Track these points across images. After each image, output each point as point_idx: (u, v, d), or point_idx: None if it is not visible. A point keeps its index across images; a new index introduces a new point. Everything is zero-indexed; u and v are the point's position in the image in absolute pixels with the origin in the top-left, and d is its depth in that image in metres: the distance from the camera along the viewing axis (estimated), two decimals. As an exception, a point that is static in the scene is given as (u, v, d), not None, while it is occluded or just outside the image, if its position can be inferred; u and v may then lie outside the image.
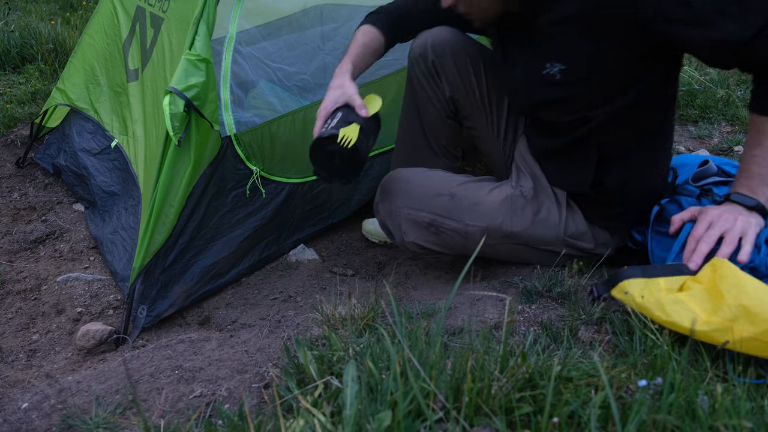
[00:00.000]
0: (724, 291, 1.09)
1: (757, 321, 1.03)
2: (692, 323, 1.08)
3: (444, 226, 1.62)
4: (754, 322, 1.03)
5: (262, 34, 2.44)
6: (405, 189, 1.65)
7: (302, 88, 2.33)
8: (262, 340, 1.40)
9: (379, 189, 1.72)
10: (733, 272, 1.12)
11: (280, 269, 2.10)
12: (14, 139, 2.89)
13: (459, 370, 0.88)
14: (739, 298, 1.06)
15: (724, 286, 1.10)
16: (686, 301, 1.12)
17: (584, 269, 1.57)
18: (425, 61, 1.75)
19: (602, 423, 0.85)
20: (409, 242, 1.66)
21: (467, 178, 1.70)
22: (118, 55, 2.32)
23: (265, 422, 0.94)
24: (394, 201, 1.65)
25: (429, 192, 1.63)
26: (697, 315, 1.09)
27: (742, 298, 1.06)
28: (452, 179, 1.68)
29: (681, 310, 1.11)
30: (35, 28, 3.73)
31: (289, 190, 2.09)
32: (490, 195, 1.62)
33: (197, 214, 1.90)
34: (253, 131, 1.98)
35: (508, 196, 1.61)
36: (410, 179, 1.67)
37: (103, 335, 1.75)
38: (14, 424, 1.10)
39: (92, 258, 2.20)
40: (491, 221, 1.59)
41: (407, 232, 1.65)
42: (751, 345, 1.04)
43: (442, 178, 1.69)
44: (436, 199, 1.62)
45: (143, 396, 1.15)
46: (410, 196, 1.64)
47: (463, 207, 1.61)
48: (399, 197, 1.65)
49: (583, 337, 1.30)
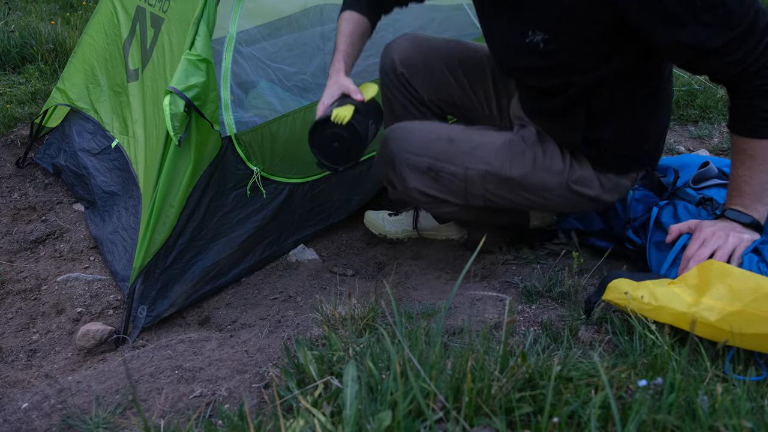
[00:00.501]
0: (712, 278, 1.15)
1: (742, 295, 1.08)
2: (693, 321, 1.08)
3: (443, 170, 1.62)
4: (739, 297, 1.08)
5: (262, 34, 2.44)
6: (403, 136, 1.66)
7: (302, 88, 2.33)
8: (262, 340, 1.40)
9: (380, 142, 1.73)
10: (720, 264, 1.18)
11: (280, 269, 2.10)
12: (14, 139, 2.89)
13: (459, 370, 0.88)
14: (725, 279, 1.12)
15: (712, 274, 1.16)
16: (677, 290, 1.17)
17: (585, 269, 1.57)
18: (395, 74, 1.83)
19: (602, 423, 0.85)
20: (411, 188, 1.66)
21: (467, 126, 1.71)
22: (118, 55, 2.32)
23: (265, 422, 0.94)
24: (393, 147, 1.66)
25: (427, 137, 1.65)
26: (683, 298, 1.14)
27: (728, 279, 1.12)
28: (452, 126, 1.70)
29: (671, 295, 1.16)
30: (35, 28, 3.73)
31: (289, 190, 2.09)
32: (489, 139, 1.63)
33: (197, 214, 1.90)
34: (253, 131, 1.98)
35: (508, 140, 1.62)
36: (409, 127, 1.69)
37: (103, 335, 1.75)
38: (14, 424, 1.10)
39: (92, 258, 2.20)
40: (490, 165, 1.60)
41: (408, 178, 1.65)
42: (739, 319, 1.07)
43: (441, 125, 1.71)
44: (435, 143, 1.63)
45: (143, 396, 1.15)
46: (408, 141, 1.64)
47: (461, 151, 1.61)
48: (398, 143, 1.66)
49: (583, 337, 1.30)
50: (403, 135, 1.66)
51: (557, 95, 1.49)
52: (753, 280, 1.10)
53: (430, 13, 2.51)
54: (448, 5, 2.51)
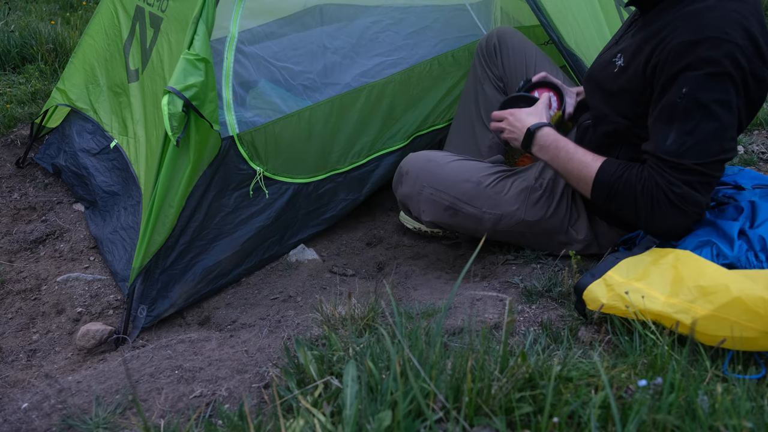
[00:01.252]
0: (685, 275, 1.18)
1: (713, 299, 1.10)
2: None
3: (462, 210, 1.75)
4: (710, 300, 1.10)
5: (265, 33, 2.43)
6: (433, 170, 1.79)
7: (308, 87, 2.32)
8: (262, 340, 1.40)
9: (404, 166, 1.86)
10: (694, 259, 1.22)
11: (280, 269, 2.10)
12: (14, 139, 2.89)
13: (459, 370, 0.88)
14: (697, 279, 1.15)
15: (685, 271, 1.19)
16: (643, 288, 1.21)
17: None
18: (488, 43, 2.07)
19: (602, 423, 0.85)
20: (425, 220, 1.84)
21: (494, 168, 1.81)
22: (118, 55, 2.32)
23: (265, 422, 0.94)
24: (420, 178, 1.79)
25: (457, 177, 1.77)
26: (656, 297, 1.18)
27: (700, 279, 1.15)
28: (480, 167, 1.80)
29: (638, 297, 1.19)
30: (35, 28, 3.73)
31: (294, 190, 2.09)
32: (511, 187, 1.74)
33: (199, 215, 1.90)
34: (256, 131, 1.98)
35: (527, 187, 1.72)
36: (440, 161, 1.81)
37: (103, 335, 1.75)
38: (14, 424, 1.10)
39: (92, 258, 2.20)
40: (507, 209, 1.72)
41: (426, 211, 1.80)
42: (711, 323, 1.09)
43: (471, 165, 1.81)
44: (462, 184, 1.76)
45: (143, 396, 1.15)
46: (437, 178, 1.78)
47: (485, 195, 1.74)
48: (426, 174, 1.79)
49: (583, 337, 1.30)
50: (433, 169, 1.79)
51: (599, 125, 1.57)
52: (723, 282, 1.12)
53: (432, 13, 2.50)
54: (450, 5, 2.51)
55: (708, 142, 1.29)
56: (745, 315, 1.06)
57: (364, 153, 2.22)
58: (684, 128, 1.30)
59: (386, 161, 2.26)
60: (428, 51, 2.38)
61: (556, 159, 1.53)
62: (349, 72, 2.31)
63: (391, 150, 2.26)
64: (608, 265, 1.35)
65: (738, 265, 1.24)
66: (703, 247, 1.29)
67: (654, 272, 1.25)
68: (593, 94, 1.61)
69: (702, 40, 1.26)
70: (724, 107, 1.28)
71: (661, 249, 1.35)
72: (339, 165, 2.18)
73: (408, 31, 2.44)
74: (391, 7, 2.44)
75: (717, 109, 1.28)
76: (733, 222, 1.34)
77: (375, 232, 2.30)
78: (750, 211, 1.38)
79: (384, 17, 2.43)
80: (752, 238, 1.28)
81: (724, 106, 1.28)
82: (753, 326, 1.05)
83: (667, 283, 1.20)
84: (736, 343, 1.08)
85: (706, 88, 1.27)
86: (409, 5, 2.47)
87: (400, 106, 2.26)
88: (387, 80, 2.23)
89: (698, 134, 1.29)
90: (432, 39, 2.42)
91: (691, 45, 1.27)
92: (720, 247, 1.27)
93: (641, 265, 1.30)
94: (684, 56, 1.28)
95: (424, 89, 2.29)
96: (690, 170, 1.31)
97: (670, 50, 1.30)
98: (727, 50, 1.25)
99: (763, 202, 1.40)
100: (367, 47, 2.39)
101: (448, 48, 2.39)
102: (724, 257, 1.25)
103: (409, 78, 2.26)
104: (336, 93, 2.18)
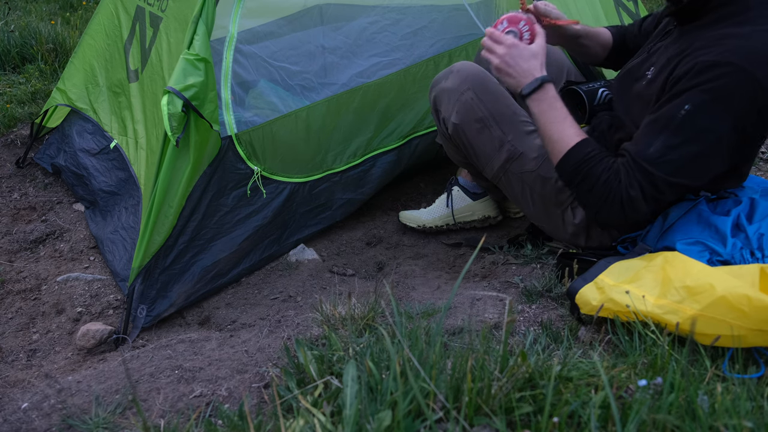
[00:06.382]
0: (672, 276, 1.19)
1: (700, 299, 1.11)
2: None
3: (490, 128, 1.73)
4: (697, 300, 1.12)
5: (264, 33, 2.44)
6: (484, 79, 1.76)
7: (305, 87, 2.33)
8: (262, 340, 1.40)
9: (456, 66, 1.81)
10: (682, 260, 1.23)
11: (280, 269, 2.10)
12: (14, 139, 2.89)
13: (459, 370, 0.88)
14: (684, 280, 1.16)
15: (672, 272, 1.20)
16: (634, 291, 1.22)
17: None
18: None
19: (602, 423, 0.85)
20: (451, 122, 1.78)
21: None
22: (118, 55, 2.32)
23: (265, 422, 0.94)
24: (466, 81, 1.76)
25: (501, 98, 1.75)
26: (646, 299, 1.19)
27: (687, 279, 1.16)
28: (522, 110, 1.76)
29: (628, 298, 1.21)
30: (35, 28, 3.73)
31: (291, 190, 2.09)
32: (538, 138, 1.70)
33: (197, 214, 1.90)
34: (254, 131, 1.98)
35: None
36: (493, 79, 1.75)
37: (103, 335, 1.75)
38: (14, 424, 1.10)
39: (92, 258, 2.20)
40: (528, 153, 1.69)
41: (458, 112, 1.76)
42: (704, 323, 1.10)
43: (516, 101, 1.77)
44: (504, 107, 1.74)
45: (143, 396, 1.15)
46: (484, 88, 1.75)
47: (517, 128, 1.72)
48: (473, 81, 1.76)
49: (583, 337, 1.30)
50: (484, 79, 1.76)
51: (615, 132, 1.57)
52: (708, 281, 1.13)
53: (431, 14, 2.50)
54: (449, 5, 2.51)
55: (686, 163, 1.33)
56: (731, 313, 1.07)
57: (360, 153, 2.22)
58: (670, 142, 1.32)
59: (382, 161, 2.26)
60: (424, 51, 2.38)
61: (545, 114, 1.51)
62: (346, 72, 2.32)
63: (387, 149, 2.26)
64: (600, 269, 1.36)
65: (733, 262, 1.25)
66: (694, 246, 1.30)
67: (645, 275, 1.26)
68: (619, 99, 1.61)
69: (723, 64, 1.26)
70: (714, 138, 1.30)
71: (652, 254, 1.36)
72: (335, 165, 2.18)
73: (405, 32, 2.44)
74: (391, 7, 2.44)
75: (707, 137, 1.29)
76: (725, 218, 1.34)
77: (375, 232, 2.30)
78: (749, 207, 1.38)
79: (383, 17, 2.43)
80: (750, 235, 1.29)
81: (714, 137, 1.29)
82: (740, 324, 1.06)
83: (657, 285, 1.21)
84: (730, 341, 1.09)
85: (706, 113, 1.28)
86: (408, 5, 2.47)
87: (395, 107, 2.25)
88: (382, 81, 2.23)
89: (681, 152, 1.32)
90: (429, 39, 2.43)
91: (711, 66, 1.27)
92: (712, 246, 1.28)
93: (633, 269, 1.32)
94: (701, 75, 1.28)
95: (419, 90, 2.29)
96: (655, 182, 1.34)
97: (692, 66, 1.30)
98: (742, 81, 1.25)
99: (763, 200, 1.40)
100: (364, 47, 2.39)
101: (445, 48, 2.39)
102: (718, 255, 1.26)
103: (404, 79, 2.26)
104: (333, 93, 2.18)
